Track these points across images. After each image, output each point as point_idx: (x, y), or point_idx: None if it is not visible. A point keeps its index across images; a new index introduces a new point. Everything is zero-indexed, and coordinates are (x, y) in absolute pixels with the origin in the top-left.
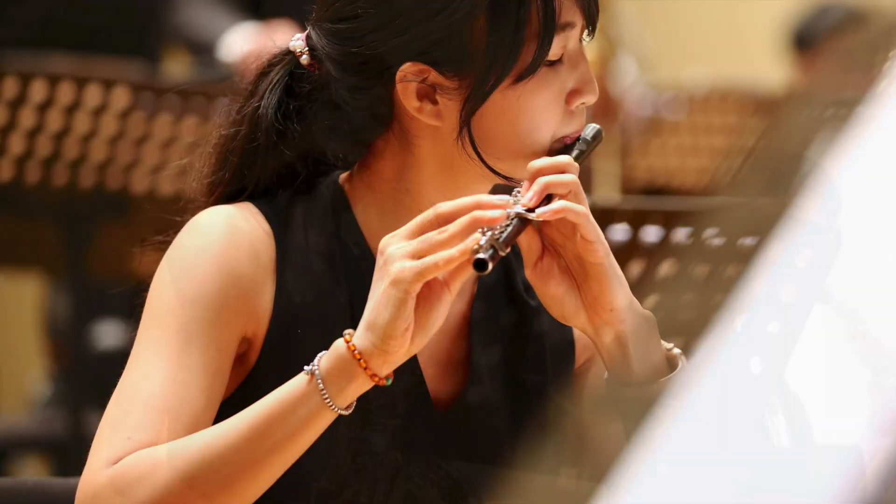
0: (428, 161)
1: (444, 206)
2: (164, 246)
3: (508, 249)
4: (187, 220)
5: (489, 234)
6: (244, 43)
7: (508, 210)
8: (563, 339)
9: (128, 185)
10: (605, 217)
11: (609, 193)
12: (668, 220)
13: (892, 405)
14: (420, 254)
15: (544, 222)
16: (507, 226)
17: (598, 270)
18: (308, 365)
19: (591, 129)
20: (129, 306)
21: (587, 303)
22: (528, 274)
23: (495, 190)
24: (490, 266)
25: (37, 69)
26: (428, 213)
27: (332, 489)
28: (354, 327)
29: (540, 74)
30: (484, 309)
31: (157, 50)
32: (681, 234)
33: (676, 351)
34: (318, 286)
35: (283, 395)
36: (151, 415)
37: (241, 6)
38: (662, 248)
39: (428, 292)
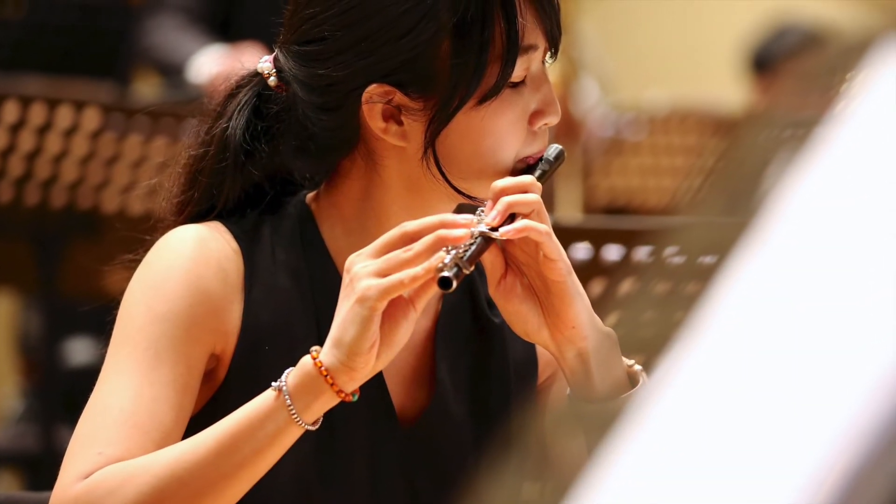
0: (393, 181)
1: (410, 225)
2: (134, 264)
3: (472, 268)
4: (157, 238)
5: (454, 252)
6: (213, 65)
7: (472, 229)
8: (526, 355)
9: (99, 204)
10: (567, 236)
11: (571, 212)
12: (630, 239)
13: (857, 415)
14: (385, 272)
15: (508, 241)
16: (472, 244)
17: (560, 288)
18: (275, 381)
19: (553, 150)
20: (100, 323)
21: (549, 320)
22: (492, 291)
23: (460, 209)
24: (454, 284)
25: (9, 90)
26: (393, 232)
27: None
28: (321, 344)
29: (503, 96)
30: (448, 326)
31: (128, 72)
32: (642, 253)
33: (637, 367)
34: (286, 304)
35: (251, 410)
36: (122, 430)
37: (210, 29)
38: (623, 267)
39: (393, 310)
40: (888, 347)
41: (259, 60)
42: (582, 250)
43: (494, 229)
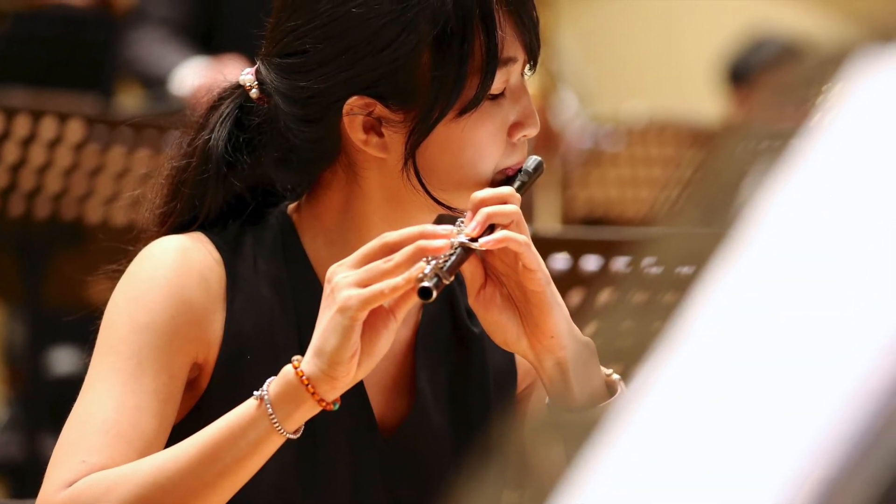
0: (374, 192)
1: (390, 236)
2: (117, 274)
3: (452, 278)
4: (140, 249)
5: (433, 262)
6: (195, 77)
7: (452, 239)
8: (506, 364)
9: (82, 215)
10: (546, 246)
11: (550, 223)
12: (608, 250)
13: (833, 424)
14: (366, 282)
15: (487, 251)
16: (451, 255)
17: (539, 298)
18: (257, 390)
19: (532, 161)
20: (84, 333)
21: (528, 329)
22: (472, 301)
23: (440, 220)
24: (434, 294)
25: None
26: (374, 243)
27: None
28: (302, 354)
29: (483, 108)
30: (428, 336)
31: (111, 84)
32: (620, 263)
33: (616, 376)
34: (268, 314)
35: (233, 419)
36: (105, 439)
37: (193, 41)
38: (602, 277)
39: (374, 320)
40: (865, 356)
41: (241, 73)
42: (561, 261)
43: (474, 240)
